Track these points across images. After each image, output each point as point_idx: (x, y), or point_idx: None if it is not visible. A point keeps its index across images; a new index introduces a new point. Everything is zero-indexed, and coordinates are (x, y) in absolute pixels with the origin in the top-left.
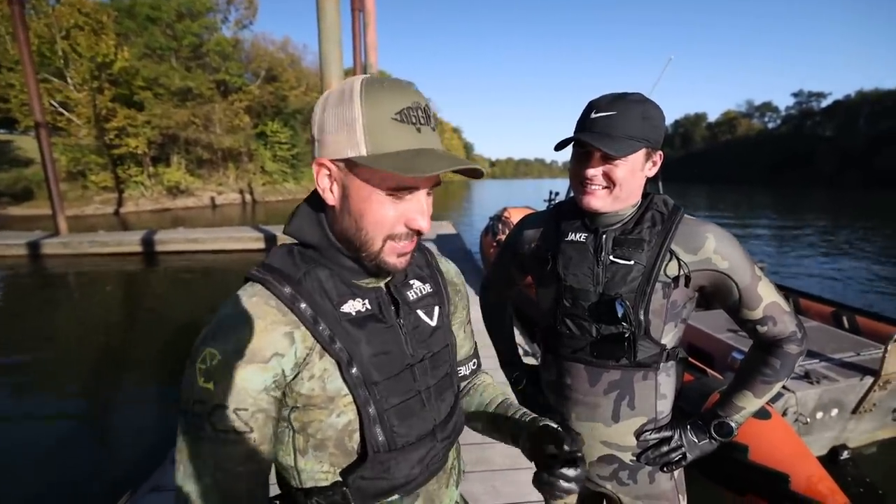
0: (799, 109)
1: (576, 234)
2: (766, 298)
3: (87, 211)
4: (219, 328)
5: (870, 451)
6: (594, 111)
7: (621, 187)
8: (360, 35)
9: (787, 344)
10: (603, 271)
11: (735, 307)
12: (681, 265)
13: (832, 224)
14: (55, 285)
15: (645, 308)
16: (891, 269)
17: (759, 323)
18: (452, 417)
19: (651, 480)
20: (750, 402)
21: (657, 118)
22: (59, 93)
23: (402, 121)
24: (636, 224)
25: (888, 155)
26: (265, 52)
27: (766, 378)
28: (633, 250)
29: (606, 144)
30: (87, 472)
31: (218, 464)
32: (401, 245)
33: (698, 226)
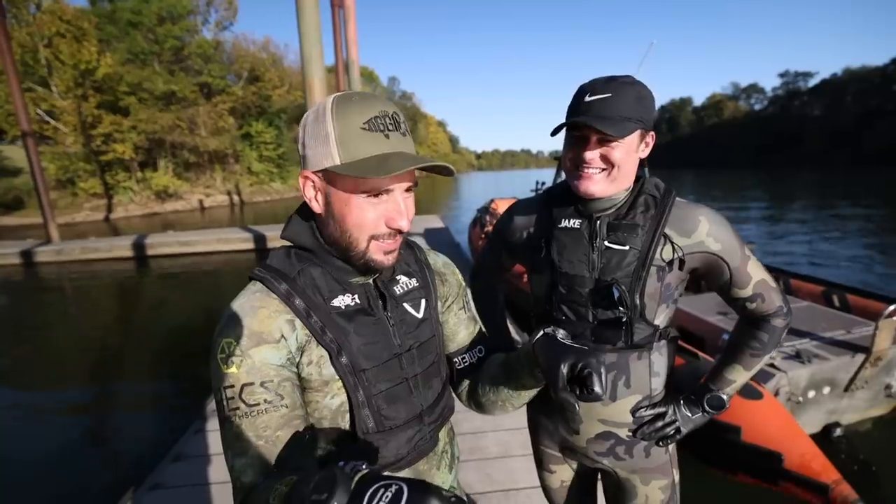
0: (786, 90)
1: (569, 221)
2: (755, 276)
3: (78, 218)
4: (229, 320)
5: (862, 427)
6: (588, 94)
7: (619, 169)
8: (340, 31)
9: (774, 318)
10: (598, 257)
11: (726, 287)
12: (675, 249)
13: (821, 204)
14: (50, 292)
15: (640, 292)
16: (880, 246)
17: (748, 300)
18: (440, 402)
19: (647, 455)
20: (739, 374)
21: (649, 99)
22: (44, 101)
23: (370, 129)
24: (629, 209)
25: (877, 132)
26: (247, 52)
27: (754, 351)
28: (627, 235)
29: (606, 126)
30: (88, 472)
31: (258, 434)
32: (385, 243)
33: (691, 209)
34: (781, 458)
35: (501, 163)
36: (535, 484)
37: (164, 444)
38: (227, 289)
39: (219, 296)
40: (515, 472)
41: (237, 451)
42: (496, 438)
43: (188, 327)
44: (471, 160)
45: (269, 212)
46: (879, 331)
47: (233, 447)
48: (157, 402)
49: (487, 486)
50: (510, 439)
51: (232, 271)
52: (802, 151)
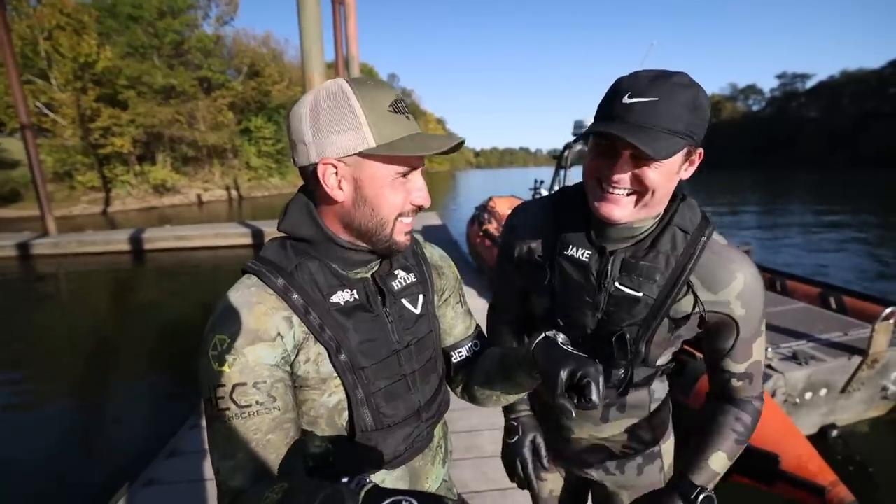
0: (783, 91)
1: (577, 251)
2: (755, 356)
3: (75, 211)
4: (223, 316)
5: (859, 429)
6: (628, 94)
7: (653, 194)
8: (340, 27)
9: (753, 402)
10: (605, 300)
11: (721, 355)
12: (697, 304)
13: (818, 205)
14: (46, 285)
15: (647, 341)
16: (877, 248)
17: (736, 377)
18: (437, 398)
19: (639, 472)
20: (723, 465)
21: (706, 108)
22: (43, 94)
23: (395, 111)
24: (652, 245)
25: (873, 134)
26: (247, 47)
27: (739, 437)
28: (643, 280)
29: (645, 142)
30: (82, 468)
31: (248, 437)
32: (406, 223)
33: (727, 259)
34: (778, 460)
35: (500, 161)
36: None
37: (160, 440)
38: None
39: (216, 291)
40: None
41: (225, 454)
42: (492, 437)
43: (185, 322)
44: (469, 158)
45: (267, 207)
46: (876, 333)
47: (221, 449)
48: (153, 398)
49: (483, 485)
50: None
51: (230, 266)
52: (799, 153)
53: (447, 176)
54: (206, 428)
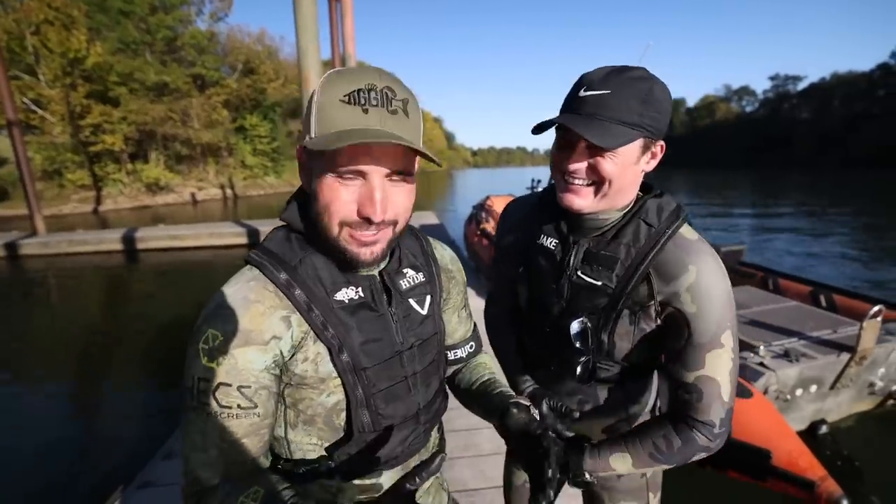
0: (776, 92)
1: (548, 240)
2: (708, 369)
3: (65, 210)
4: (219, 310)
5: (847, 424)
6: (584, 88)
7: (610, 184)
8: (337, 25)
9: (699, 431)
10: (567, 287)
11: (672, 356)
12: (652, 294)
13: (810, 205)
14: (35, 285)
15: (610, 332)
16: (866, 247)
17: (686, 389)
18: (436, 401)
19: (618, 476)
20: (624, 467)
21: (663, 101)
22: (30, 90)
23: (348, 102)
24: (615, 236)
25: (863, 135)
26: (241, 44)
27: (655, 454)
28: (602, 269)
29: (593, 133)
30: (76, 469)
31: (223, 437)
32: (360, 234)
33: (685, 251)
34: (770, 456)
35: (497, 160)
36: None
37: (155, 442)
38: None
39: (210, 291)
40: None
41: (197, 446)
42: (490, 435)
43: (179, 323)
44: (466, 157)
45: (262, 206)
46: (864, 331)
47: (193, 440)
48: (148, 399)
49: (481, 483)
50: None
51: (224, 266)
52: (792, 153)
53: (444, 175)
54: (182, 413)
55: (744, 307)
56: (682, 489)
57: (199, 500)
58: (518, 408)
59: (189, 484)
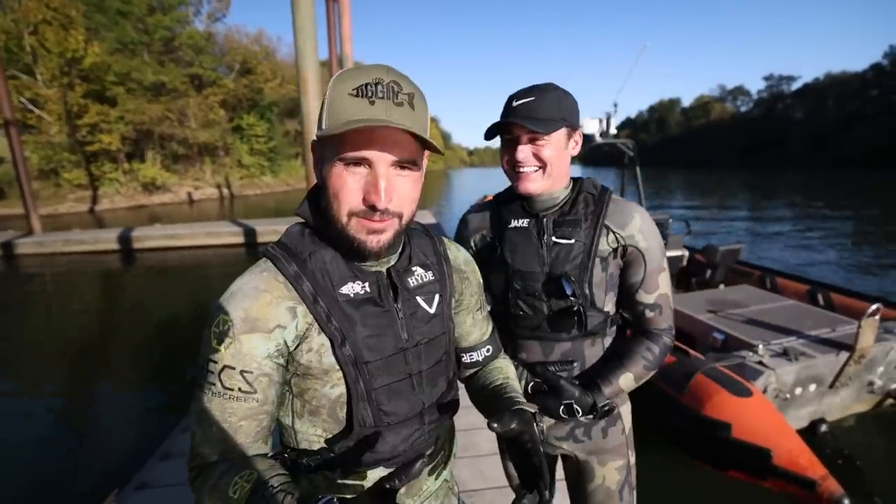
0: (770, 93)
1: (518, 220)
2: (662, 288)
3: (61, 209)
4: (232, 297)
5: (847, 423)
6: (514, 100)
7: (552, 166)
8: (335, 26)
9: (664, 336)
10: (547, 252)
11: (634, 288)
12: (617, 238)
13: (805, 205)
14: (31, 285)
15: (588, 281)
16: (862, 246)
17: (648, 308)
18: (444, 402)
19: (604, 436)
20: (629, 384)
21: (571, 101)
22: (28, 89)
23: (356, 95)
24: (571, 206)
25: (856, 135)
26: (239, 44)
27: (647, 363)
28: (572, 230)
29: (531, 123)
30: (73, 470)
31: (223, 417)
32: (369, 221)
33: (626, 205)
34: (770, 454)
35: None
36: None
37: (152, 442)
38: (216, 284)
39: (207, 290)
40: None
41: (201, 422)
42: (489, 435)
43: (175, 323)
44: (463, 156)
45: (259, 205)
46: (863, 329)
47: (199, 416)
48: (145, 399)
49: (481, 483)
50: None
51: (221, 266)
52: (786, 153)
53: (441, 174)
54: (193, 389)
55: (742, 306)
56: (682, 489)
57: (198, 473)
58: (513, 415)
59: (193, 457)
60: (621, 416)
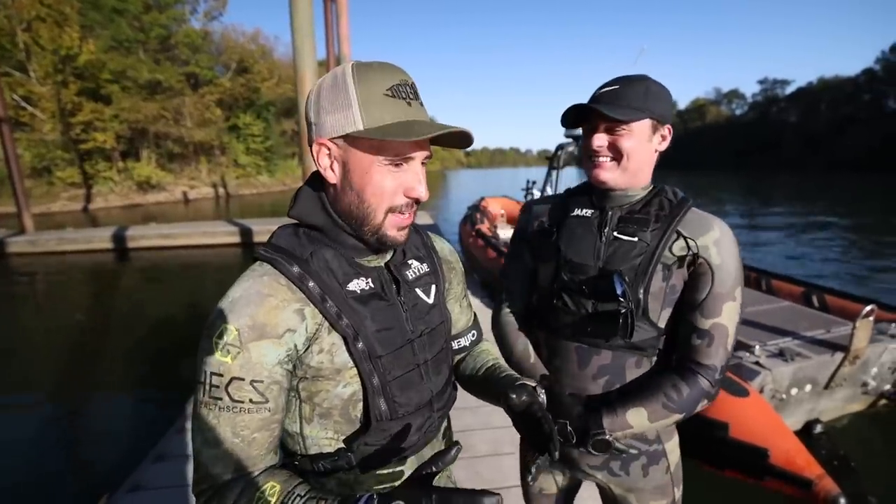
0: (764, 96)
1: (582, 210)
2: (723, 318)
3: (54, 208)
4: (234, 304)
5: (841, 423)
6: (600, 88)
7: (629, 158)
8: (332, 26)
9: (703, 375)
10: (605, 247)
11: (692, 305)
12: (689, 245)
13: (799, 207)
14: (22, 285)
15: (645, 287)
16: (856, 248)
17: (697, 333)
18: (447, 389)
19: (644, 474)
20: (641, 422)
21: (661, 94)
22: (21, 87)
23: (393, 96)
24: (644, 206)
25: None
26: (236, 43)
27: (668, 403)
28: (637, 228)
29: (608, 109)
30: (65, 473)
31: (235, 431)
32: (401, 217)
33: (706, 216)
34: (767, 454)
35: (490, 161)
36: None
37: (146, 444)
38: (211, 284)
39: (202, 291)
40: (505, 469)
41: (208, 441)
42: (486, 436)
43: (170, 323)
44: (460, 158)
45: (255, 205)
46: (857, 330)
47: (204, 435)
48: (138, 400)
49: (477, 484)
50: (500, 437)
51: (216, 265)
52: (780, 155)
53: (438, 176)
54: (193, 409)
55: None
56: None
57: (213, 495)
58: (520, 390)
59: (201, 479)
60: (665, 453)
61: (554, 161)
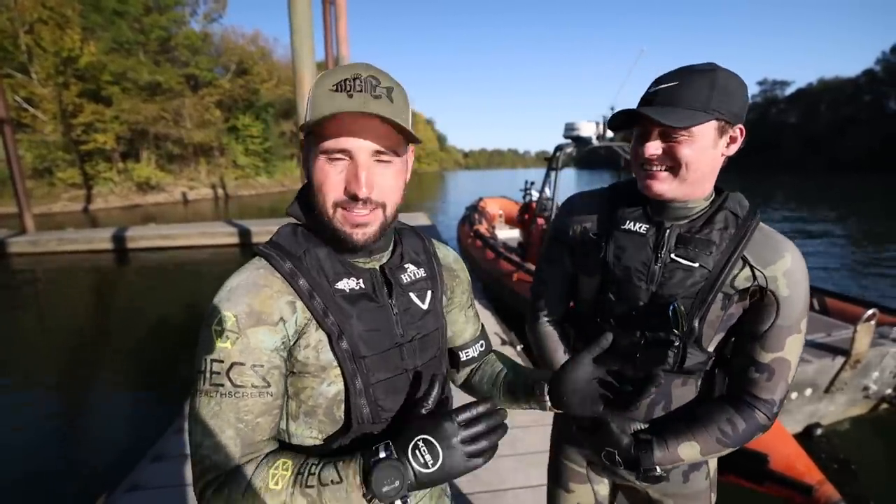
0: (764, 97)
1: (635, 224)
2: (786, 353)
3: (55, 208)
4: (231, 293)
5: (842, 427)
6: (655, 84)
7: (688, 168)
8: (331, 28)
9: (760, 409)
10: (660, 270)
11: (752, 337)
12: (755, 275)
13: (800, 208)
14: (23, 284)
15: (702, 317)
16: (856, 251)
17: (757, 368)
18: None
19: (685, 480)
20: (692, 455)
21: (732, 87)
22: (23, 88)
23: (336, 90)
24: (706, 223)
25: (849, 140)
26: (235, 45)
27: (722, 438)
28: (699, 251)
29: (662, 114)
30: (63, 473)
31: (239, 416)
32: (352, 214)
33: (777, 238)
34: (767, 460)
35: (489, 161)
36: (522, 484)
37: (144, 444)
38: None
39: (201, 291)
40: (502, 471)
41: (211, 430)
42: None
43: (169, 323)
44: (458, 159)
45: (254, 206)
46: (858, 334)
47: (205, 423)
48: (137, 400)
49: (475, 486)
50: None
51: (215, 266)
52: (780, 156)
53: (436, 177)
54: (192, 399)
55: None
56: None
57: (219, 486)
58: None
59: (204, 471)
60: (707, 460)
61: (553, 162)
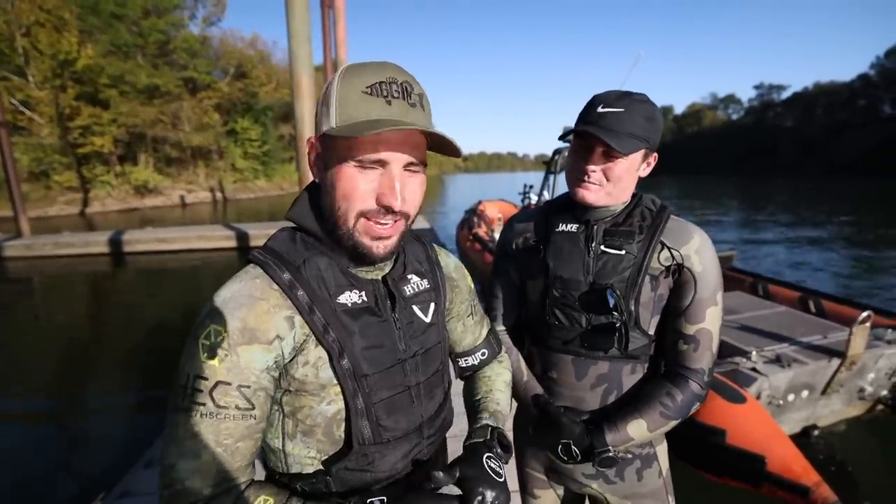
0: (760, 101)
1: (566, 225)
2: (707, 323)
3: (51, 212)
4: (224, 305)
5: (838, 429)
6: (601, 105)
7: (615, 184)
8: (329, 31)
9: (693, 379)
10: (594, 261)
11: (676, 312)
12: (672, 255)
13: (796, 211)
14: (18, 288)
15: (635, 299)
16: (852, 253)
17: (683, 339)
18: (441, 414)
19: (639, 478)
20: (641, 433)
21: (659, 121)
22: (19, 91)
23: (371, 94)
24: (627, 217)
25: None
26: (234, 48)
27: (664, 411)
28: (623, 241)
29: (613, 140)
30: (54, 478)
31: (216, 439)
32: (376, 225)
33: (685, 224)
34: (764, 461)
35: (488, 165)
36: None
37: (136, 450)
38: (207, 288)
39: (198, 295)
40: None
41: (185, 451)
42: None
43: (165, 328)
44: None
45: (252, 209)
46: (853, 336)
47: (181, 444)
48: (130, 406)
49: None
50: None
51: (213, 269)
52: (776, 160)
53: (435, 180)
54: (169, 415)
55: (735, 312)
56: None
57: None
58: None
59: (177, 496)
60: (657, 457)
61: (551, 165)
